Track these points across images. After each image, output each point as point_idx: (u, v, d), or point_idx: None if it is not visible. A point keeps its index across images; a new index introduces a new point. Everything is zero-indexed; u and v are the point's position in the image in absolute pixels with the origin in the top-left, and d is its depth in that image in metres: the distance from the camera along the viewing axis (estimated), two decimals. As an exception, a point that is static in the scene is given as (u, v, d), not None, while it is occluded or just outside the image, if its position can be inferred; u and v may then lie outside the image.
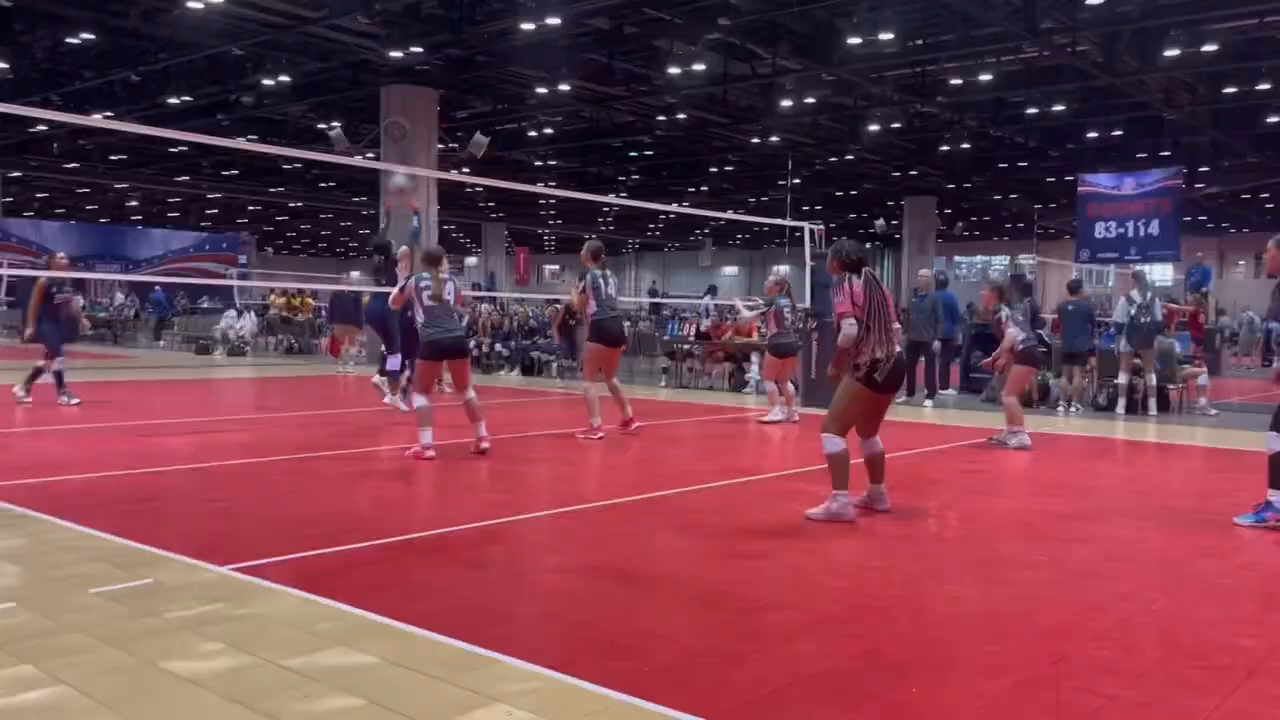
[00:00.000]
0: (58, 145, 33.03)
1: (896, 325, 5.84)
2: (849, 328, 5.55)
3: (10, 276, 30.66)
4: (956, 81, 22.70)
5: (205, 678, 3.17)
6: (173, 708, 2.97)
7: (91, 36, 20.86)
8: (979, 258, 60.51)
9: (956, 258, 58.56)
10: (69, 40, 21.32)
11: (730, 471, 7.66)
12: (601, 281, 9.17)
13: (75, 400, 10.96)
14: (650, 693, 3.10)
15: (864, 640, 3.70)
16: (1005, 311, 9.16)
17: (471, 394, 8.11)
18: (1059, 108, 24.61)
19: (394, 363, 10.90)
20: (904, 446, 9.18)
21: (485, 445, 7.93)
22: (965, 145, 30.43)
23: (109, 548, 4.79)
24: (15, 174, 37.32)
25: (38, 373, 11.03)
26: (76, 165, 35.78)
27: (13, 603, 3.89)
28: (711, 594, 4.26)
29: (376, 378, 11.83)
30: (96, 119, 21.53)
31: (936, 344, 13.91)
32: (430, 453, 7.58)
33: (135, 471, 6.96)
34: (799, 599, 4.21)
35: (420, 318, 7.86)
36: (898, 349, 5.70)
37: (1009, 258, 57.95)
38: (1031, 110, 25.27)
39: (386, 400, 11.23)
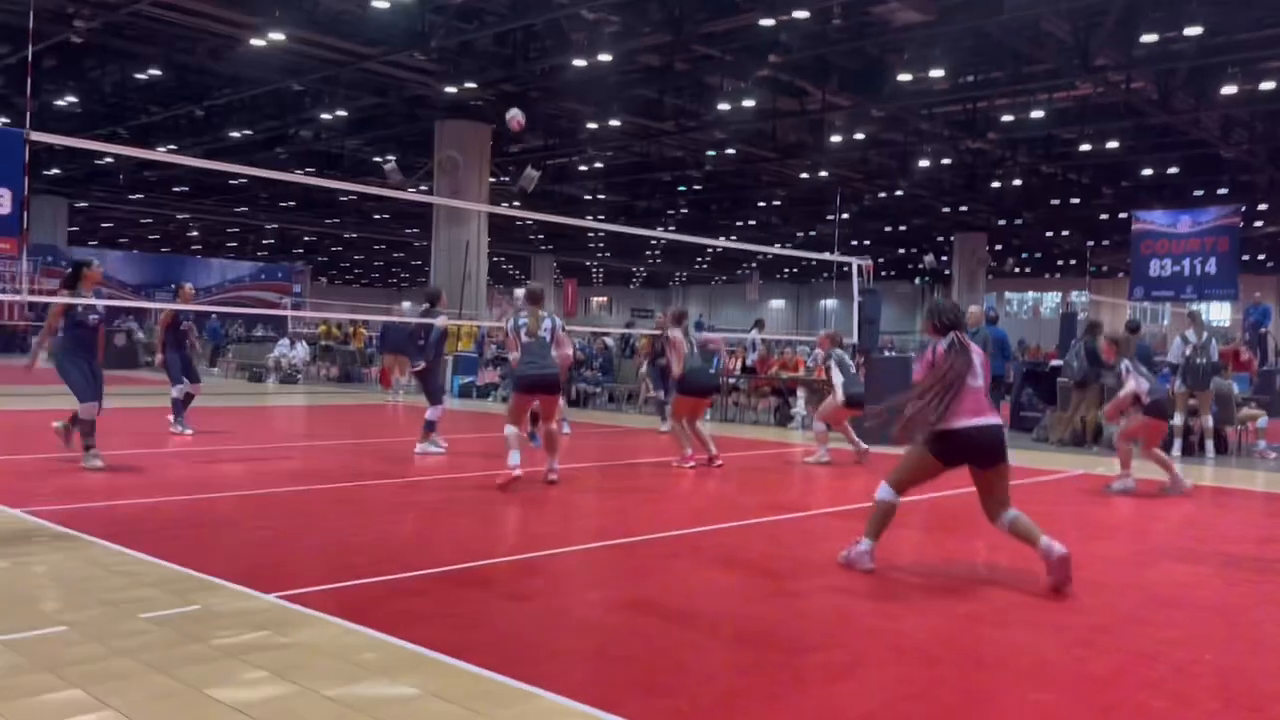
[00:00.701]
0: (123, 177, 34.06)
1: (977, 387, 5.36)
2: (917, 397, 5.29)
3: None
4: (1008, 118, 22.59)
5: (249, 706, 3.21)
6: (217, 734, 3.00)
7: (158, 73, 21.54)
8: (1030, 294, 59.78)
9: (1007, 294, 57.90)
10: (137, 76, 22.04)
11: (775, 508, 7.61)
12: (684, 338, 9.76)
13: (188, 430, 10.80)
14: (689, 732, 3.08)
15: (907, 684, 3.64)
16: (1125, 364, 8.93)
17: (554, 427, 8.45)
18: (1113, 144, 24.36)
19: (433, 413, 10.22)
20: (949, 485, 9.04)
21: (553, 477, 8.25)
22: (1016, 181, 30.22)
23: (161, 573, 4.88)
24: (82, 204, 38.50)
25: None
26: (140, 196, 36.85)
27: (65, 626, 3.97)
28: (753, 632, 4.23)
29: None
30: (161, 152, 22.19)
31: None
32: (517, 471, 7.81)
33: (189, 497, 7.09)
34: (842, 640, 4.16)
35: (514, 355, 8.24)
36: (974, 422, 5.20)
37: (1061, 295, 57.19)
38: (1085, 147, 25.05)
39: (417, 449, 10.23)
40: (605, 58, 18.53)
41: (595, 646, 3.99)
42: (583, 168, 31.01)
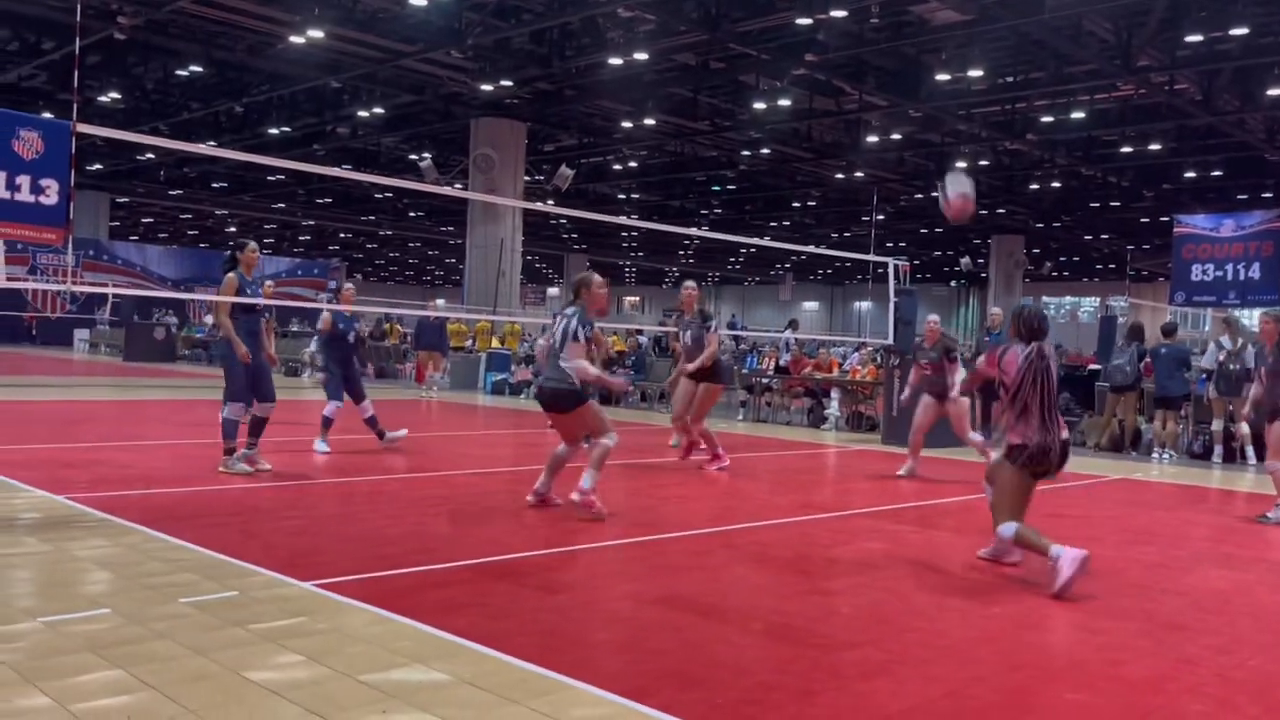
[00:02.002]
0: (164, 172, 34.53)
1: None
2: (964, 380, 5.32)
3: (116, 297, 32.03)
4: (1047, 119, 22.35)
5: (285, 688, 3.24)
6: (253, 717, 3.04)
7: (199, 69, 21.81)
8: (1068, 298, 59.14)
9: (1044, 297, 57.29)
10: (178, 72, 22.33)
11: (808, 507, 7.58)
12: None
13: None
14: (722, 725, 3.07)
15: (943, 683, 3.61)
16: None
17: (598, 443, 6.56)
18: (1155, 146, 24.03)
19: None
20: (972, 490, 8.97)
21: (575, 497, 6.61)
22: (1055, 184, 29.91)
23: (199, 559, 4.94)
24: (123, 199, 39.07)
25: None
26: (180, 192, 37.33)
27: (107, 609, 4.03)
28: (786, 629, 4.21)
29: None
30: (201, 148, 22.47)
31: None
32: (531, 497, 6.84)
33: (227, 487, 7.18)
34: (877, 637, 4.14)
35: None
36: (1049, 437, 5.21)
37: (1099, 299, 56.50)
38: (1126, 149, 24.73)
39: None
40: (641, 56, 18.53)
41: (627, 639, 3.99)
42: (617, 167, 31.04)
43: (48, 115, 21.45)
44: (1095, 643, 4.23)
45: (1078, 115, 21.48)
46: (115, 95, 23.86)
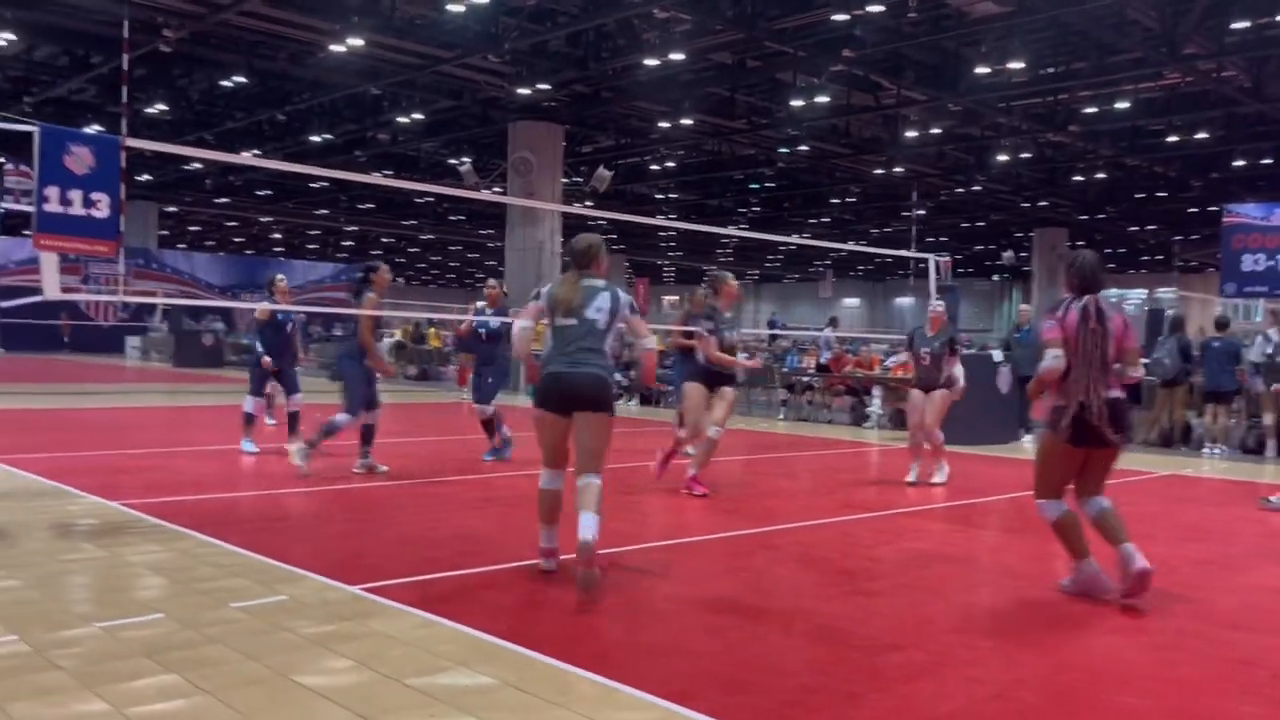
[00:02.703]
0: (209, 181, 35.10)
1: (1137, 372, 4.83)
2: (1051, 359, 4.63)
3: (166, 305, 32.62)
4: (1091, 109, 21.99)
5: (335, 692, 3.29)
6: (305, 720, 3.09)
7: (243, 79, 22.13)
8: (1114, 291, 58.12)
9: (1090, 291, 56.33)
10: (222, 83, 22.68)
11: (851, 506, 7.54)
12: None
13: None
14: (766, 728, 3.08)
15: (988, 684, 3.59)
16: None
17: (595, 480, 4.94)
18: (1202, 135, 23.57)
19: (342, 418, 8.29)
20: (1014, 487, 8.87)
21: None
22: (1099, 175, 29.45)
23: (249, 564, 5.03)
24: (171, 209, 39.78)
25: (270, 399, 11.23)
26: (226, 200, 37.95)
27: (161, 614, 4.12)
28: (829, 630, 4.20)
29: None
30: (245, 157, 22.80)
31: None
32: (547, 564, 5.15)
33: (273, 491, 7.29)
34: (920, 638, 4.11)
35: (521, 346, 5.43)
36: (1100, 395, 4.62)
37: (1147, 291, 55.53)
38: (1172, 138, 24.27)
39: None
40: (677, 56, 18.50)
41: (672, 642, 4.01)
42: (654, 167, 31.03)
43: (97, 128, 21.93)
44: (1146, 643, 4.17)
45: (1122, 105, 21.11)
46: (162, 107, 24.28)
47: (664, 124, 24.34)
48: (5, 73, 22.32)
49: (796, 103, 21.55)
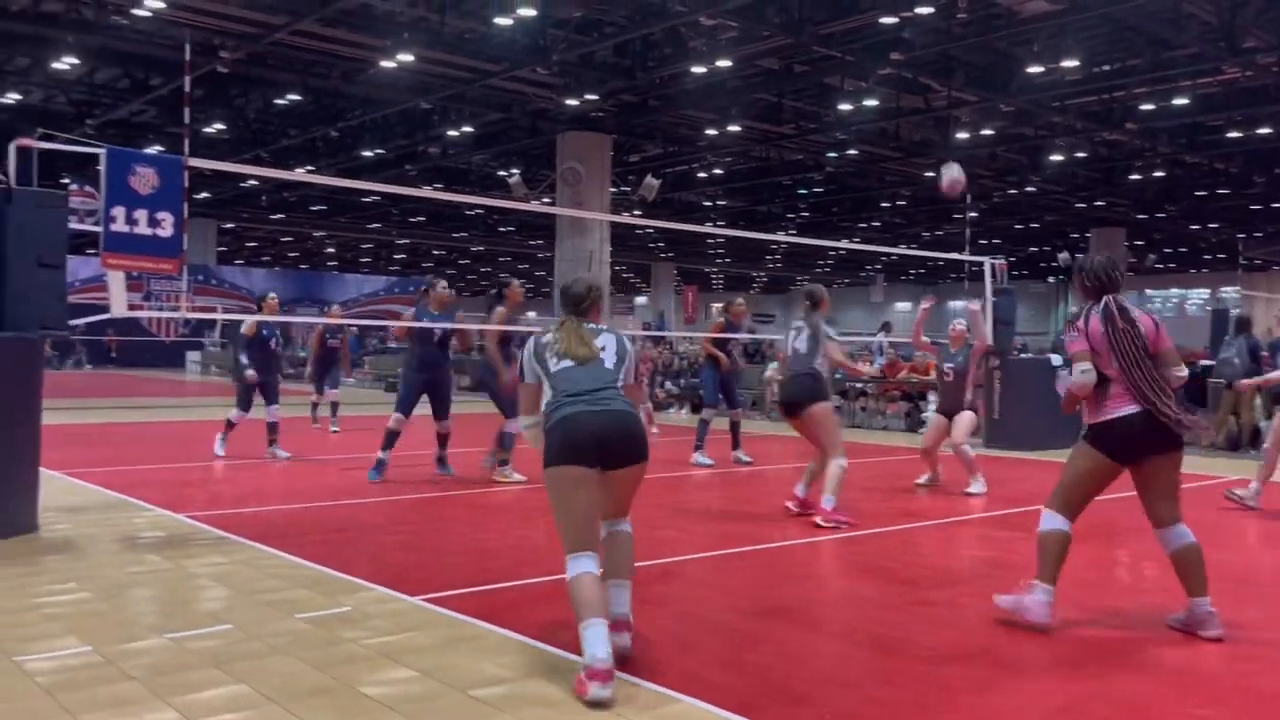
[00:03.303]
0: (265, 198, 35.79)
1: (1182, 373, 4.41)
2: (1080, 374, 4.29)
3: (225, 320, 33.30)
4: (1148, 107, 21.57)
5: (399, 703, 3.32)
6: (371, 730, 3.12)
7: (297, 97, 22.55)
8: (1174, 291, 56.89)
9: (1149, 291, 55.25)
10: (277, 102, 23.12)
11: (910, 514, 7.45)
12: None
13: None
14: (832, 740, 3.04)
15: (1059, 696, 3.51)
16: None
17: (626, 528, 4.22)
18: (1264, 130, 22.98)
19: (511, 426, 8.54)
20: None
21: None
22: (1158, 173, 28.86)
23: (311, 575, 5.10)
24: (228, 225, 40.61)
25: (314, 407, 13.34)
26: (281, 216, 38.65)
27: (229, 624, 4.19)
28: (891, 640, 4.14)
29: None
30: (299, 173, 23.19)
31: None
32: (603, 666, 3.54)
33: (334, 503, 7.39)
34: (986, 650, 4.04)
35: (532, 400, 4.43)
36: (1161, 392, 4.24)
37: (1209, 291, 54.24)
38: (1233, 134, 23.71)
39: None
40: (724, 63, 18.50)
41: (732, 652, 3.98)
42: (702, 174, 31.02)
43: (158, 148, 22.46)
44: (1222, 653, 4.06)
45: (1180, 101, 20.68)
46: (220, 126, 24.82)
47: (711, 131, 24.33)
48: (69, 96, 22.97)
49: (845, 107, 21.42)
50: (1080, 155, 26.77)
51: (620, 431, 3.79)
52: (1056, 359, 12.84)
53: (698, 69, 18.82)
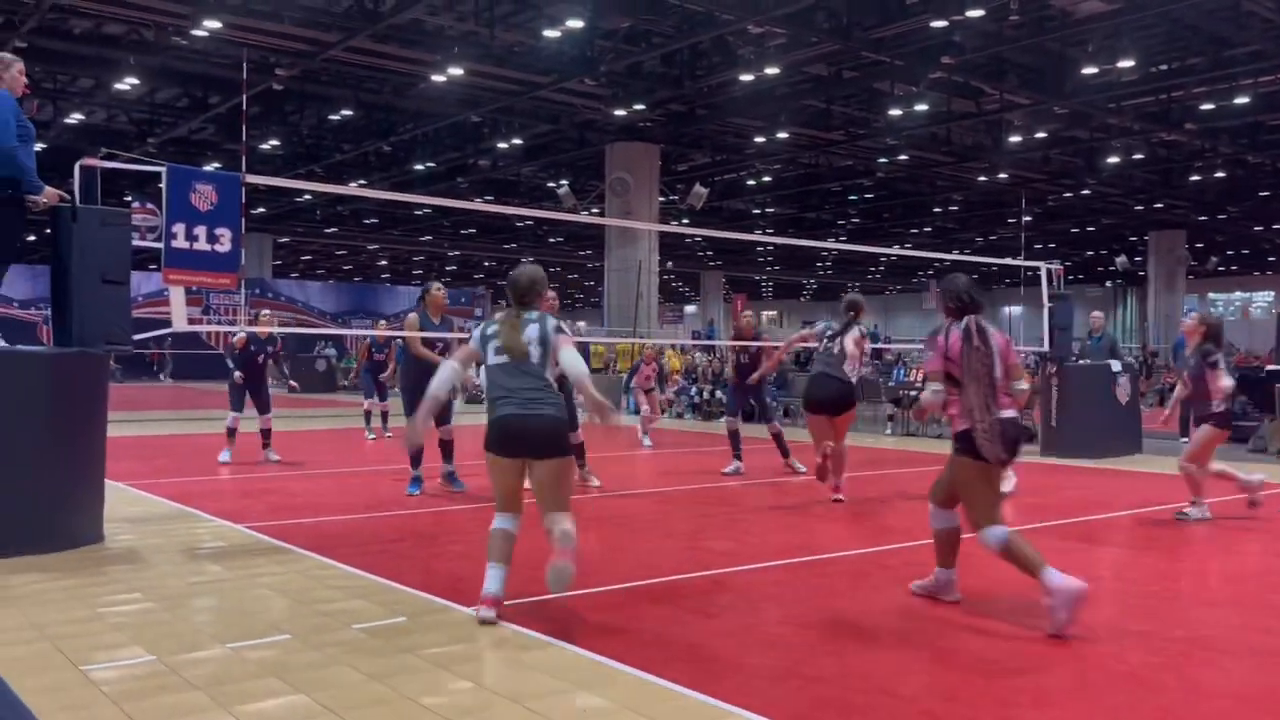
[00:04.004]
0: (319, 212, 36.39)
1: (1023, 386, 4.74)
2: (931, 394, 4.63)
3: (283, 334, 33.92)
4: (1207, 106, 21.10)
5: (456, 714, 3.33)
6: (428, 741, 3.14)
7: (350, 113, 22.92)
8: (1237, 293, 55.52)
9: (1210, 294, 53.98)
10: (330, 117, 23.51)
11: (966, 524, 7.32)
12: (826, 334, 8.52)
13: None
14: (891, 756, 3.00)
15: (1128, 712, 3.43)
16: (1218, 356, 7.27)
17: (568, 527, 4.73)
18: (1330, 128, 22.39)
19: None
20: (1158, 500, 8.50)
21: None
22: (1219, 174, 28.23)
23: (368, 585, 5.15)
24: (284, 239, 41.35)
25: (367, 416, 13.83)
26: (335, 229, 39.25)
27: (288, 634, 4.25)
28: (950, 653, 4.08)
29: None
30: (352, 187, 23.55)
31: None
32: (487, 613, 4.52)
33: (389, 513, 7.47)
34: (1051, 663, 3.96)
35: (468, 384, 6.37)
36: (1002, 415, 4.54)
37: (1275, 293, 52.89)
38: (1297, 132, 23.13)
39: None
40: (772, 70, 18.46)
41: (788, 665, 3.94)
42: (751, 182, 30.95)
43: (216, 165, 22.95)
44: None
45: (1241, 100, 20.20)
46: (274, 142, 25.31)
47: (760, 138, 24.27)
48: (130, 115, 23.57)
49: (895, 112, 21.24)
50: (1137, 157, 26.27)
51: (541, 434, 4.60)
52: (1116, 365, 12.59)
53: (745, 77, 18.79)
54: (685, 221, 31.03)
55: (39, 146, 6.41)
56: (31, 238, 25.17)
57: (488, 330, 4.75)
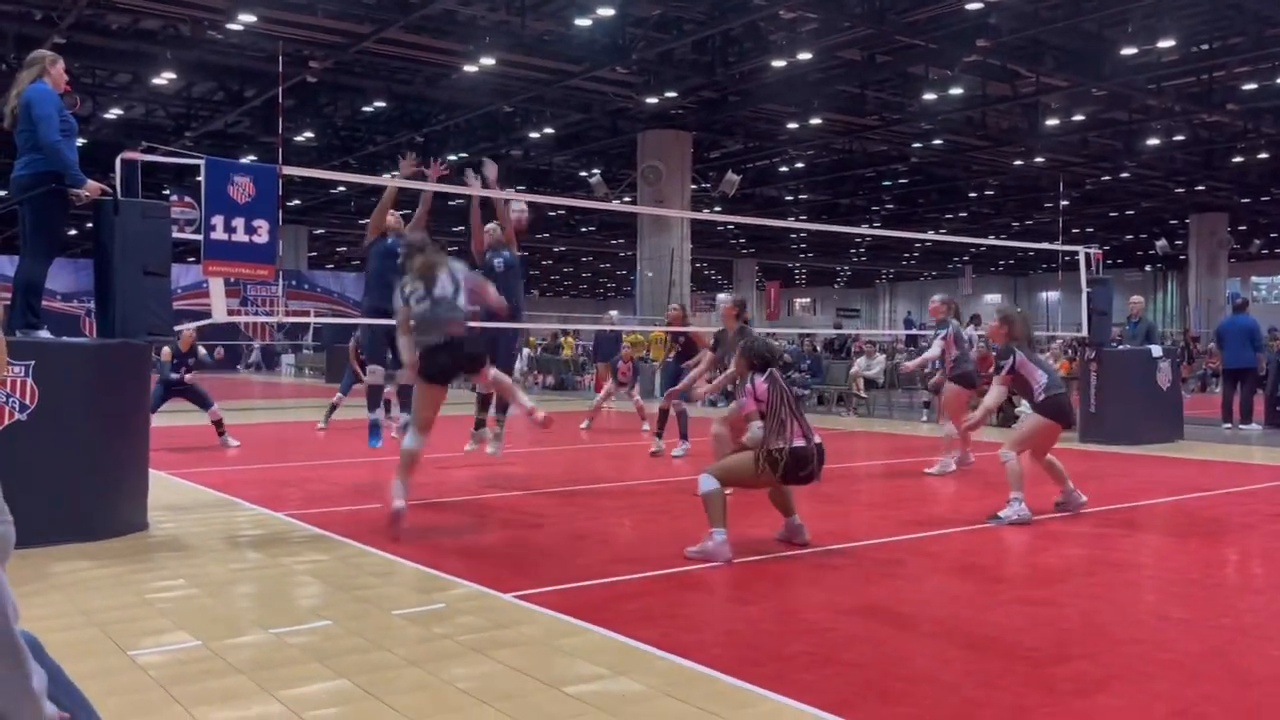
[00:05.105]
0: (354, 203, 36.64)
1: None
2: (755, 430, 5.65)
3: (317, 324, 34.18)
4: (1250, 86, 20.70)
5: (495, 699, 3.36)
6: (468, 725, 3.16)
7: (383, 104, 23.04)
8: (1281, 277, 54.41)
9: (1254, 278, 53.00)
10: (364, 109, 23.65)
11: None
12: None
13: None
14: (931, 742, 2.98)
15: (1169, 700, 3.39)
16: (1019, 354, 7.01)
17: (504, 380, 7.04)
18: (1378, 107, 21.88)
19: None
20: (1200, 487, 8.38)
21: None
22: (1261, 155, 27.67)
23: (406, 572, 5.20)
24: (319, 231, 41.67)
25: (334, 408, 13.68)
26: (368, 221, 39.46)
27: (329, 620, 4.30)
28: (992, 641, 4.05)
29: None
30: (386, 178, 23.57)
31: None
32: (398, 503, 6.17)
33: (424, 501, 7.52)
34: (1092, 650, 3.92)
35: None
36: (800, 443, 5.55)
37: (1319, 276, 51.79)
38: (1344, 111, 22.64)
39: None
40: (804, 56, 18.33)
41: (825, 651, 3.93)
42: (783, 169, 30.77)
43: (252, 158, 23.18)
44: (1342, 657, 3.87)
45: (1285, 79, 19.81)
46: (309, 134, 25.49)
47: (792, 125, 24.12)
48: (167, 109, 23.86)
49: (929, 96, 21.03)
50: (1178, 139, 25.82)
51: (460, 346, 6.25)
52: (1156, 350, 12.42)
53: (778, 63, 18.68)
54: (718, 209, 30.92)
55: (80, 141, 6.49)
56: (74, 232, 25.58)
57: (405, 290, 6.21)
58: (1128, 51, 17.88)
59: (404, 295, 6.19)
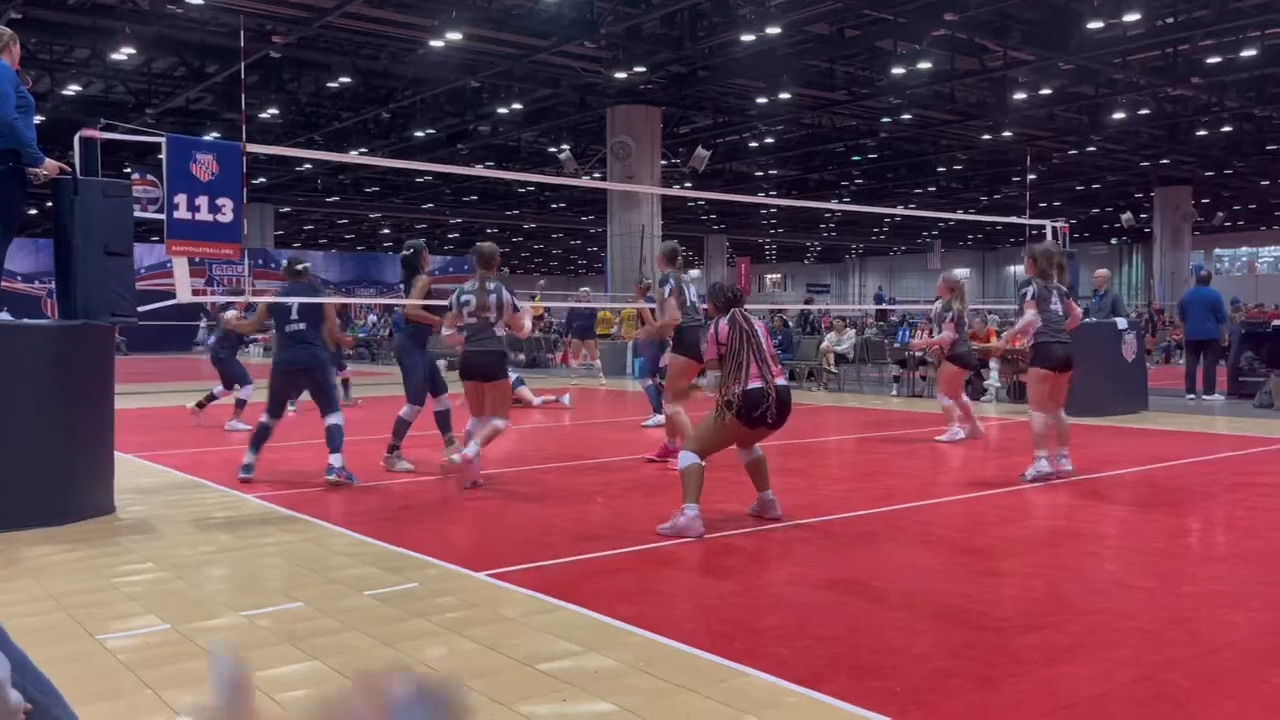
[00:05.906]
0: (320, 181, 36.23)
1: (778, 370, 5.77)
2: (711, 378, 5.86)
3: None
4: (1214, 60, 20.89)
5: (469, 677, 3.36)
6: (442, 705, 3.16)
7: (348, 80, 22.74)
8: (1243, 250, 55.24)
9: (1217, 250, 53.72)
10: (329, 85, 23.34)
11: (974, 484, 7.35)
12: (685, 287, 8.26)
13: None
14: (905, 714, 3.02)
15: (1134, 667, 3.45)
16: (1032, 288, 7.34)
17: (497, 423, 7.30)
18: (1339, 80, 22.16)
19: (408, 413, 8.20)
20: (1165, 457, 8.51)
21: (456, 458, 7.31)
22: (1225, 128, 28.00)
23: (378, 553, 5.18)
24: (285, 209, 41.18)
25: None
26: (336, 198, 39.09)
27: (301, 602, 4.28)
28: (961, 612, 4.10)
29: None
30: (353, 155, 23.41)
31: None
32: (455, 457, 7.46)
33: (396, 481, 7.50)
34: (1058, 620, 3.98)
35: (449, 332, 7.32)
36: (756, 384, 5.56)
37: (1281, 248, 52.61)
38: (1305, 85, 22.91)
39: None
40: (773, 30, 18.27)
41: (797, 625, 3.97)
42: (753, 144, 30.75)
43: (215, 135, 22.82)
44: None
45: (1249, 54, 19.99)
46: (273, 111, 25.14)
47: (762, 100, 24.09)
48: (128, 86, 23.42)
49: (898, 70, 21.06)
50: (1143, 112, 26.05)
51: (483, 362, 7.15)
52: (1122, 322, 12.56)
53: (747, 37, 18.62)
54: (688, 185, 30.87)
55: (37, 119, 6.36)
56: (34, 211, 25.11)
57: (462, 297, 7.09)
58: (1094, 25, 17.98)
59: (459, 300, 7.16)
